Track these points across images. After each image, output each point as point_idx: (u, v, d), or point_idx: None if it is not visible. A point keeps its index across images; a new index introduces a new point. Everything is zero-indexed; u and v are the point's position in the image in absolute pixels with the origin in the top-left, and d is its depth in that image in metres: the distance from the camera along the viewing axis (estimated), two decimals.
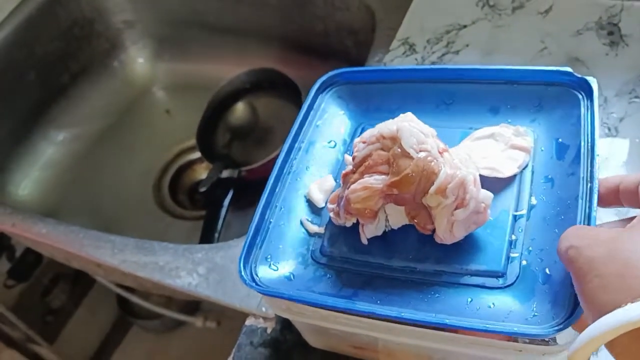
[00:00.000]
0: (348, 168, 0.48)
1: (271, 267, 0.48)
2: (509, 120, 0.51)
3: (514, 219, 0.45)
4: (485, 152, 0.48)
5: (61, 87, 1.09)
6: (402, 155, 0.43)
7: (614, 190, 0.41)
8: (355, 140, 0.48)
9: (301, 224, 0.51)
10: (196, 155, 1.09)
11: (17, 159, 1.04)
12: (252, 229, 0.49)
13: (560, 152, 0.48)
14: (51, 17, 1.02)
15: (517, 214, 0.45)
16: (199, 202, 1.07)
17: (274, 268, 0.48)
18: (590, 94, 0.48)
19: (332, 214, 0.49)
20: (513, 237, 0.44)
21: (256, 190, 1.03)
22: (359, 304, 0.44)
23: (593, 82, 0.48)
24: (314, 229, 0.50)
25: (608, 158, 0.68)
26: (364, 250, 0.47)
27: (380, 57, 0.84)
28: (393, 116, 0.46)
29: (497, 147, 0.49)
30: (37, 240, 0.74)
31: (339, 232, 0.49)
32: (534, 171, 0.48)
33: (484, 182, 0.44)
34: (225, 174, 0.97)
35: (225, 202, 0.96)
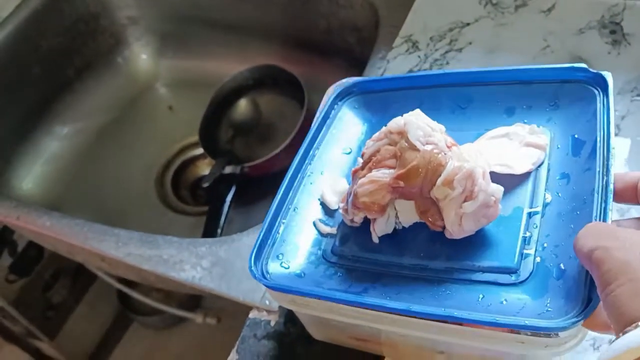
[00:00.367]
0: (358, 166, 0.48)
1: (282, 265, 0.49)
2: (525, 121, 0.51)
3: (528, 215, 0.45)
4: (499, 150, 0.48)
5: (65, 82, 1.10)
6: (409, 148, 0.43)
7: (632, 187, 0.41)
8: (367, 140, 0.49)
9: (314, 225, 0.51)
10: (199, 151, 1.10)
11: (21, 154, 1.05)
12: (264, 228, 0.49)
13: (576, 148, 0.48)
14: (56, 13, 1.03)
15: (531, 210, 0.45)
16: (201, 198, 1.08)
17: (285, 266, 0.49)
18: (605, 89, 0.48)
19: (342, 212, 0.49)
20: (527, 234, 0.44)
21: (259, 186, 1.04)
22: (368, 298, 0.44)
23: (608, 76, 0.48)
24: (326, 229, 0.51)
25: None
26: (375, 249, 0.48)
27: (383, 54, 0.84)
28: None
29: (511, 145, 0.49)
30: (41, 232, 0.75)
31: (350, 232, 0.49)
32: (549, 168, 0.48)
33: (497, 178, 0.45)
34: (227, 169, 0.98)
35: (228, 197, 0.97)
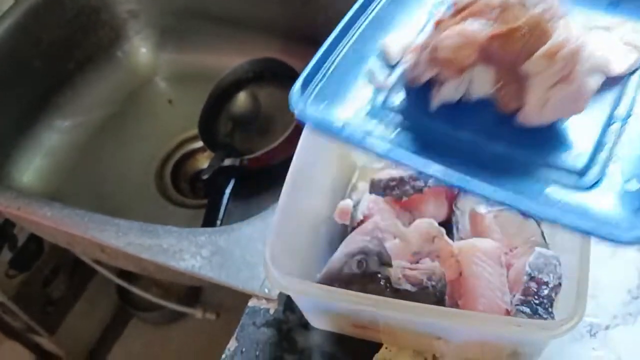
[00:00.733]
0: (445, 15, 0.41)
1: (324, 109, 0.44)
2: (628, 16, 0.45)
3: (609, 121, 0.41)
4: (595, 44, 0.41)
5: (65, 76, 1.10)
6: (518, 3, 0.37)
7: None
8: None
9: (368, 73, 0.46)
10: (198, 144, 1.10)
11: (22, 147, 1.05)
12: (313, 62, 0.44)
13: None
14: (56, 6, 1.03)
15: (614, 116, 0.42)
16: (200, 191, 1.08)
17: (327, 111, 0.44)
18: None
19: (408, 65, 0.43)
20: (604, 140, 0.40)
21: (258, 179, 1.04)
22: (415, 159, 0.39)
23: None
24: (380, 80, 0.45)
25: None
26: (430, 114, 0.43)
27: None
28: None
29: (609, 40, 0.43)
30: (41, 222, 0.75)
31: (408, 90, 0.44)
32: None
33: None
34: (227, 162, 0.98)
35: (227, 190, 0.97)
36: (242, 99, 1.08)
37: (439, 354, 0.59)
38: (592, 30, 0.44)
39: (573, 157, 0.40)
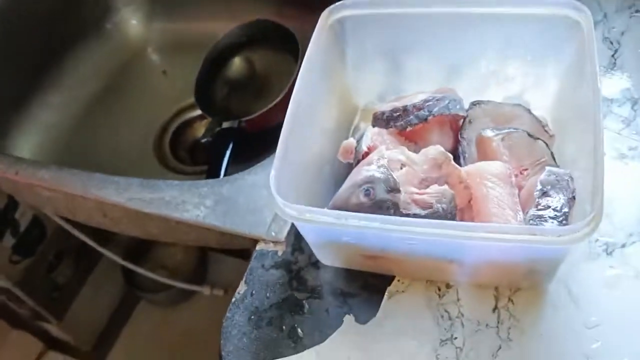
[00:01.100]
0: None
1: None
2: None
3: None
4: None
5: (57, 52, 1.08)
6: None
7: None
8: None
9: None
10: (195, 113, 1.09)
11: (18, 125, 1.04)
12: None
13: None
14: None
15: None
16: (200, 159, 1.07)
17: None
18: None
19: None
20: None
21: (256, 143, 1.03)
22: None
23: None
24: None
25: None
26: None
27: None
28: None
29: None
30: (40, 185, 0.74)
31: None
32: None
33: None
34: (225, 125, 0.96)
35: (227, 153, 0.96)
36: (236, 63, 1.06)
37: (452, 281, 0.58)
38: None
39: None
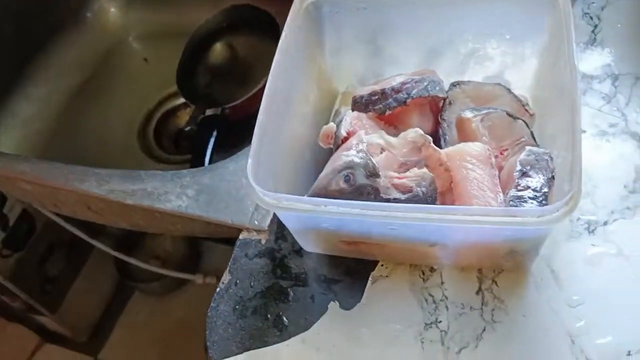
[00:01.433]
0: None
1: None
2: None
3: None
4: None
5: (36, 43, 1.07)
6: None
7: None
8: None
9: None
10: (179, 101, 1.08)
11: None
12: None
13: None
14: None
15: None
16: (185, 148, 1.06)
17: None
18: None
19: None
20: None
21: (240, 130, 1.02)
22: None
23: None
24: None
25: None
26: None
27: None
28: None
29: None
30: (22, 179, 0.73)
31: None
32: None
33: None
34: (208, 112, 0.96)
35: (210, 141, 0.95)
36: (218, 49, 1.05)
37: (435, 264, 0.58)
38: None
39: None
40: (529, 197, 0.51)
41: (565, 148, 0.51)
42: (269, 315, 0.58)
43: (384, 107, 0.61)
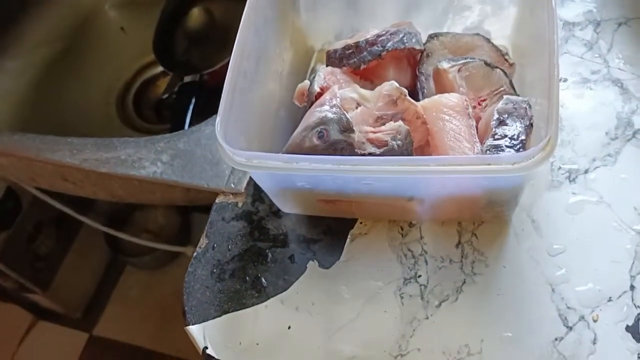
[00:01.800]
0: None
1: None
2: None
3: None
4: None
5: (8, 15, 1.04)
6: None
7: None
8: None
9: None
10: (158, 69, 1.06)
11: None
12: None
13: None
14: None
15: None
16: (166, 116, 1.04)
17: None
18: None
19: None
20: None
21: (220, 97, 1.00)
22: None
23: None
24: None
25: None
26: None
27: None
28: None
29: None
30: None
31: None
32: None
33: None
34: (187, 79, 0.94)
35: (189, 108, 0.93)
36: (195, 14, 1.02)
37: (414, 219, 0.57)
38: None
39: None
40: (506, 146, 0.50)
41: (543, 95, 0.49)
42: (247, 278, 0.57)
43: (358, 61, 0.59)
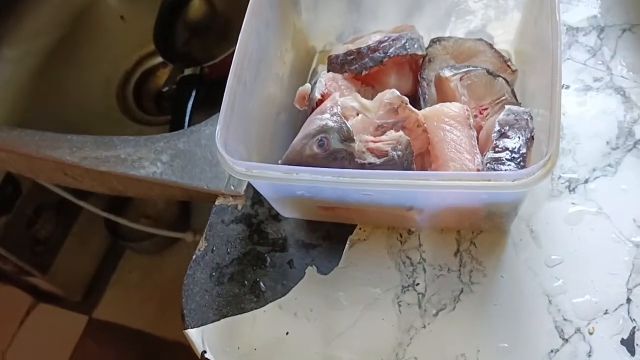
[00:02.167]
0: None
1: None
2: None
3: None
4: None
5: (8, 3, 1.02)
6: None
7: None
8: None
9: None
10: (158, 60, 1.05)
11: None
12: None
13: None
14: None
15: None
16: (166, 108, 1.04)
17: None
18: None
19: None
20: None
21: (220, 89, 1.00)
22: None
23: None
24: None
25: None
26: None
27: None
28: None
29: None
30: None
31: None
32: None
33: None
34: (187, 72, 0.93)
35: (190, 101, 0.93)
36: (196, 5, 1.01)
37: (413, 227, 0.57)
38: None
39: None
40: (506, 159, 0.50)
41: (545, 106, 0.49)
42: (245, 282, 0.57)
43: (360, 67, 0.58)
